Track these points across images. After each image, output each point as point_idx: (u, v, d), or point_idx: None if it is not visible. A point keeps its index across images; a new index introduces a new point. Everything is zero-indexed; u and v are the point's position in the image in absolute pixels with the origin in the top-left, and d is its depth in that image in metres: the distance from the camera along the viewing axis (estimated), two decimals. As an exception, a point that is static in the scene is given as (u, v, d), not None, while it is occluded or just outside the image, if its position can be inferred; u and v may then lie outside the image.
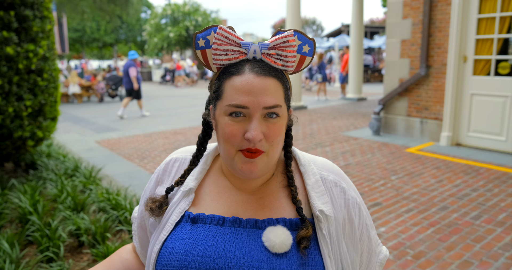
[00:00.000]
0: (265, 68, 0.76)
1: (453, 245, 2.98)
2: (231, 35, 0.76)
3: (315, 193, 0.83)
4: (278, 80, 0.77)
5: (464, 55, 5.84)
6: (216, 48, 0.77)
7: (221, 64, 0.79)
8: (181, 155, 0.94)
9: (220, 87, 0.78)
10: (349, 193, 0.87)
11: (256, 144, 0.75)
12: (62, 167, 4.70)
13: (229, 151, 0.78)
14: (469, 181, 4.40)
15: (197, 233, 0.80)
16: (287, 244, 0.76)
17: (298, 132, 7.43)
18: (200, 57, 0.81)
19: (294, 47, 0.77)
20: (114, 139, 7.34)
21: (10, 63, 3.74)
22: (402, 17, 6.50)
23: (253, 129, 0.74)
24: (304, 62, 0.81)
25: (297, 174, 0.88)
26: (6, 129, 3.82)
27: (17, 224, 3.32)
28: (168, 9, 25.46)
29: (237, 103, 0.74)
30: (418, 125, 6.55)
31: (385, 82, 6.98)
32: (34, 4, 3.95)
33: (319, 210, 0.81)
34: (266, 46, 0.76)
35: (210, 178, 0.89)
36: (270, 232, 0.77)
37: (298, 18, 9.79)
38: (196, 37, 0.80)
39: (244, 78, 0.75)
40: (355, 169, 4.93)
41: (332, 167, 0.91)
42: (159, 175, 0.94)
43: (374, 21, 36.14)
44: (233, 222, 0.81)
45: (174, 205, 0.85)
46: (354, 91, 12.40)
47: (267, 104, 0.75)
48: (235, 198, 0.85)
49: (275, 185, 0.86)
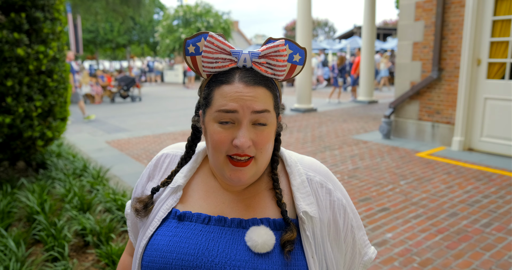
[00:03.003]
0: (255, 77, 0.77)
1: (461, 253, 2.91)
2: (221, 43, 0.76)
3: (300, 194, 0.84)
4: (267, 89, 0.78)
5: (478, 58, 5.73)
6: (206, 56, 0.77)
7: (211, 72, 0.79)
8: (172, 151, 0.95)
9: (209, 95, 0.79)
10: (335, 195, 0.87)
11: (244, 151, 0.76)
12: (71, 167, 4.74)
13: (218, 158, 0.79)
14: (480, 187, 4.30)
15: (182, 230, 0.81)
16: (269, 244, 0.77)
17: (307, 134, 7.38)
18: (190, 63, 0.81)
19: (284, 56, 0.77)
20: (123, 140, 7.40)
21: (20, 64, 3.79)
22: (414, 19, 6.41)
23: (241, 136, 0.75)
24: (294, 71, 0.82)
25: (283, 175, 0.88)
26: (16, 129, 3.87)
27: (25, 223, 3.35)
28: (180, 11, 25.62)
29: (226, 108, 0.75)
30: (429, 129, 6.45)
31: (396, 85, 6.89)
32: (45, 6, 4.00)
33: (303, 212, 0.81)
34: (256, 55, 0.77)
35: (199, 177, 0.89)
36: (253, 232, 0.78)
37: (309, 20, 9.74)
38: (186, 43, 0.80)
39: (233, 88, 0.75)
40: (364, 173, 4.87)
41: (320, 167, 0.91)
42: (150, 171, 0.95)
43: (387, 23, 35.84)
44: (218, 221, 0.81)
45: (162, 201, 0.86)
46: (365, 93, 12.28)
47: (256, 108, 0.75)
48: (222, 198, 0.85)
49: (261, 186, 0.86)
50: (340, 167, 5.15)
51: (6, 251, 2.70)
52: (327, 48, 23.75)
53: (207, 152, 0.85)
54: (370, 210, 3.73)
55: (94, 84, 14.15)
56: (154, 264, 0.78)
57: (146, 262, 0.80)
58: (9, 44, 3.68)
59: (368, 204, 3.88)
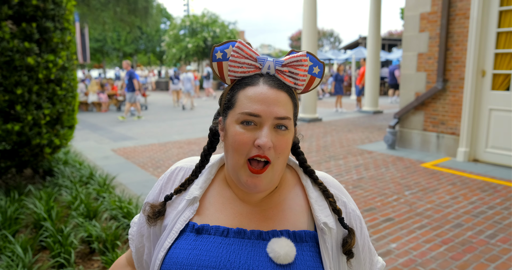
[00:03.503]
0: (278, 82, 0.81)
1: (466, 264, 2.90)
2: (248, 50, 0.80)
3: (318, 206, 0.86)
4: (288, 96, 0.81)
5: (483, 69, 5.75)
6: (233, 61, 0.81)
7: (236, 76, 0.82)
8: (186, 164, 0.96)
9: (233, 97, 0.81)
10: (349, 207, 0.90)
11: (265, 152, 0.77)
12: (78, 174, 4.79)
13: (237, 161, 0.79)
14: (485, 198, 4.29)
15: (201, 243, 0.81)
16: (291, 255, 0.78)
17: (312, 144, 7.40)
18: (216, 69, 0.84)
19: (306, 67, 0.81)
20: (129, 148, 7.46)
21: (30, 72, 3.87)
22: (419, 30, 6.46)
23: (263, 136, 0.76)
24: (313, 83, 0.86)
25: (299, 188, 0.90)
26: (25, 136, 3.93)
27: (32, 229, 3.39)
28: (186, 21, 25.93)
29: (250, 111, 0.77)
30: (434, 140, 6.45)
31: (401, 96, 6.91)
32: (55, 16, 4.10)
33: (323, 223, 0.83)
34: (280, 63, 0.81)
35: (214, 189, 0.90)
36: (275, 244, 0.79)
37: (314, 30, 9.83)
38: (214, 50, 0.83)
39: (258, 89, 0.79)
40: (368, 183, 4.87)
41: (332, 181, 0.94)
42: (163, 183, 0.95)
43: (392, 34, 35.98)
44: (237, 233, 0.82)
45: (179, 213, 0.86)
46: (370, 104, 12.30)
47: (279, 114, 0.77)
48: (239, 210, 0.86)
49: (278, 197, 0.88)
50: (345, 177, 5.16)
51: (13, 257, 2.73)
52: (333, 58, 23.86)
53: (225, 157, 0.86)
54: (375, 220, 3.73)
55: (101, 93, 14.30)
56: None
57: None
58: (20, 53, 3.77)
59: (373, 214, 3.88)
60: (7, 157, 4.06)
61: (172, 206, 0.90)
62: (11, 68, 3.76)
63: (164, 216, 0.90)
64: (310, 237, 0.83)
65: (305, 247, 0.82)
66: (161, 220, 0.90)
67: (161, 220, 0.90)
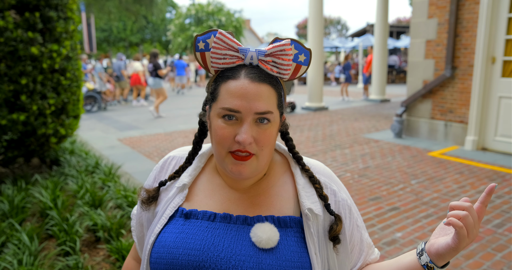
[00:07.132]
0: (260, 75, 0.79)
1: (472, 253, 2.87)
2: (229, 40, 0.78)
3: (305, 192, 0.86)
4: (272, 87, 0.80)
5: (493, 56, 5.63)
6: (215, 52, 0.79)
7: (219, 68, 0.81)
8: (178, 153, 0.98)
9: (216, 90, 0.81)
10: (339, 195, 0.90)
11: (246, 147, 0.78)
12: (84, 164, 4.82)
13: (220, 152, 0.81)
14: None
15: (189, 227, 0.83)
16: (273, 240, 0.79)
17: (318, 133, 7.36)
18: (199, 59, 0.84)
19: (290, 56, 0.80)
20: (135, 137, 7.48)
21: (34, 62, 3.86)
22: (428, 16, 6.32)
23: (243, 133, 0.77)
24: (299, 71, 0.84)
25: (289, 175, 0.91)
26: (30, 126, 3.95)
27: (38, 218, 3.42)
28: (192, 9, 25.75)
29: (230, 106, 0.77)
30: (442, 128, 6.37)
31: (408, 84, 6.82)
32: (58, 6, 4.07)
33: (308, 209, 0.83)
34: (263, 53, 0.79)
35: (205, 176, 0.92)
36: (258, 228, 0.80)
37: (321, 18, 9.69)
38: (197, 39, 0.82)
39: (239, 83, 0.77)
40: (374, 172, 4.84)
41: (324, 169, 0.94)
42: (156, 173, 0.98)
43: (401, 21, 35.42)
44: (223, 218, 0.84)
45: (169, 200, 0.89)
46: (377, 92, 12.18)
47: (259, 109, 0.77)
48: (228, 196, 0.88)
49: (267, 184, 0.89)
50: (351, 166, 5.13)
51: (20, 245, 2.77)
52: (340, 46, 23.58)
53: (211, 145, 0.87)
54: (380, 209, 3.71)
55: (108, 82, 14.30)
56: (161, 260, 0.81)
57: (154, 259, 0.83)
58: (24, 43, 3.76)
59: (378, 203, 3.86)
60: (14, 147, 4.09)
61: (165, 193, 0.93)
62: (15, 58, 3.75)
63: (157, 202, 0.93)
64: (295, 222, 0.84)
65: (290, 232, 0.83)
66: (154, 205, 0.93)
67: (154, 205, 0.93)
